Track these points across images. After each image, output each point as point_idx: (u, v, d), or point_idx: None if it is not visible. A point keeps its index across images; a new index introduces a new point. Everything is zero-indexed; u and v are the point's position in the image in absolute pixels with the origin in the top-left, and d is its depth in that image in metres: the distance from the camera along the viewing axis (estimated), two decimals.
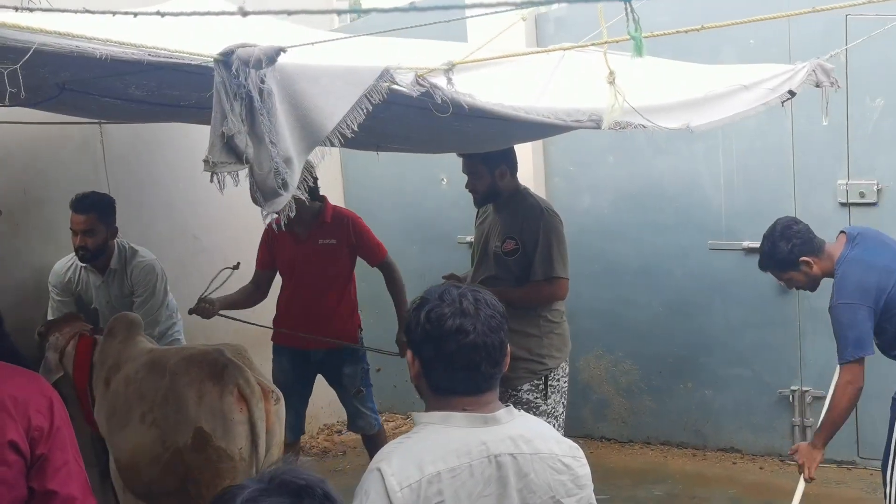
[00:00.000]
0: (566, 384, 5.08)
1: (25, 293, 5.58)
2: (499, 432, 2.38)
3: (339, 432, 7.57)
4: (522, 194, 5.11)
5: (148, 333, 5.31)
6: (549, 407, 4.93)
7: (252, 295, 5.86)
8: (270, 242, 5.78)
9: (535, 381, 4.93)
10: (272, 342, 5.91)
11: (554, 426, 4.81)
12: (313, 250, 5.65)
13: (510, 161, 5.05)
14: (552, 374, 4.97)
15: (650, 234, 6.58)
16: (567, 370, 5.10)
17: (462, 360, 2.33)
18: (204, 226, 6.59)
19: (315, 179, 5.55)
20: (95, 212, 5.29)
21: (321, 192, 5.65)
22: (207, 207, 6.50)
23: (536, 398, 4.91)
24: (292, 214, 2.39)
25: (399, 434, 7.21)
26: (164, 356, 4.53)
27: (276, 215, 2.33)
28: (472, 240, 7.11)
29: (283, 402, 4.47)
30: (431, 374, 2.38)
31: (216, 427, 4.16)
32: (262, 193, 2.27)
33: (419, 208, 7.44)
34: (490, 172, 4.99)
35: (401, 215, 7.36)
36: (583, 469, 2.49)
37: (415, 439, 2.36)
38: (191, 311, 5.49)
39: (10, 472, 2.46)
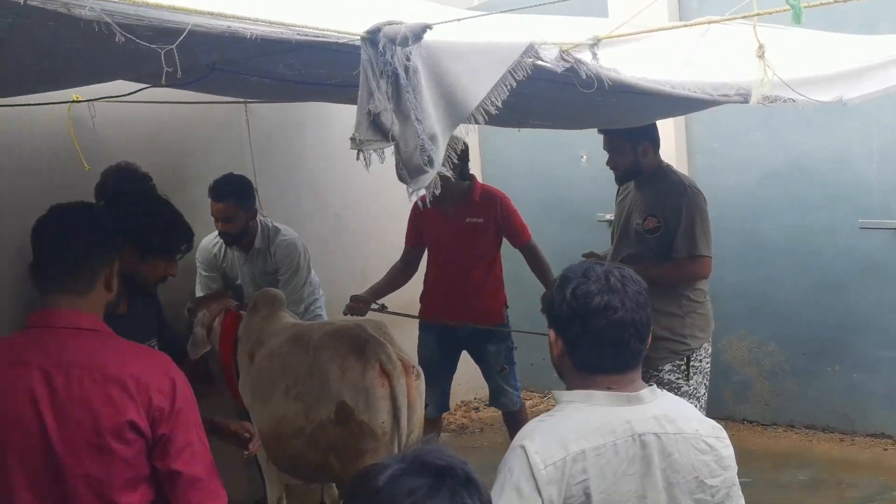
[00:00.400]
0: (709, 365, 4.97)
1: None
2: (642, 411, 2.34)
3: (477, 409, 7.61)
4: (664, 171, 5.02)
5: (292, 310, 5.43)
6: (691, 388, 4.84)
7: (401, 274, 5.94)
8: (418, 220, 5.84)
9: (677, 362, 4.84)
10: (418, 319, 5.96)
11: (696, 407, 4.72)
12: (460, 228, 5.68)
13: (652, 137, 4.97)
14: (694, 355, 4.87)
15: (797, 212, 6.39)
16: (710, 350, 4.99)
17: (610, 336, 2.31)
18: (345, 204, 6.69)
19: (466, 159, 5.60)
20: (233, 198, 5.41)
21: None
22: (349, 186, 6.61)
23: (678, 378, 4.83)
24: (437, 192, 2.39)
25: (537, 412, 7.24)
26: (308, 331, 4.62)
27: (421, 192, 2.34)
28: (612, 217, 7.07)
29: (423, 377, 4.50)
30: (577, 353, 2.36)
31: (359, 401, 4.22)
32: (407, 171, 2.28)
33: (558, 186, 7.39)
34: (633, 149, 4.92)
35: (539, 194, 7.32)
36: (726, 450, 2.44)
37: (558, 417, 2.34)
38: (345, 312, 5.59)
39: (129, 450, 2.50)
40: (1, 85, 3.36)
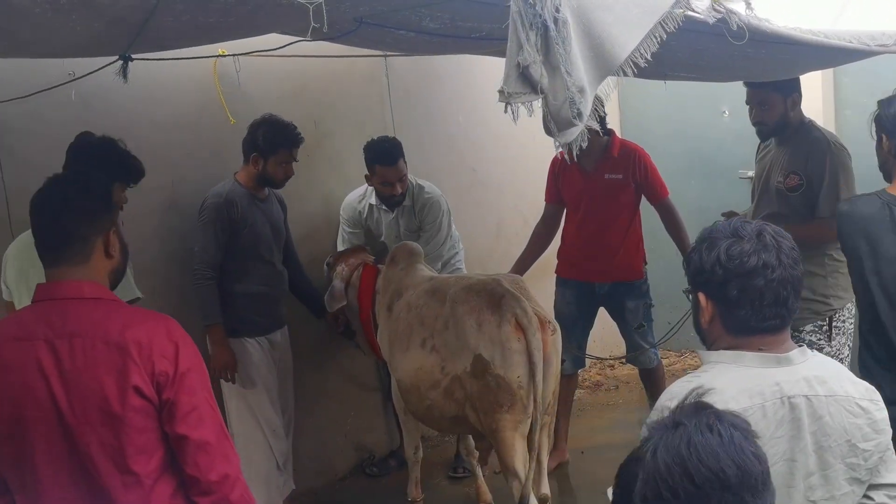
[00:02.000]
0: (852, 326, 4.80)
1: (316, 223, 5.85)
2: (792, 373, 2.28)
3: (612, 366, 7.56)
4: (808, 127, 4.86)
5: (431, 266, 5.49)
6: (834, 349, 4.70)
7: (542, 237, 5.92)
8: (557, 176, 5.81)
9: (819, 322, 4.71)
10: (556, 274, 5.94)
11: None
12: (599, 184, 5.63)
13: (800, 90, 4.82)
14: (837, 315, 4.74)
15: None
16: (853, 311, 4.79)
17: (770, 296, 2.25)
18: (481, 159, 6.69)
19: (604, 112, 5.53)
20: (401, 156, 5.47)
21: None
22: (485, 141, 6.60)
23: (820, 339, 4.70)
24: (584, 145, 2.36)
25: (673, 371, 7.16)
26: (445, 284, 4.66)
27: (567, 146, 2.31)
28: (753, 175, 6.87)
29: (559, 333, 4.50)
30: (732, 315, 2.29)
31: (495, 355, 4.25)
32: (556, 124, 2.25)
33: (699, 141, 7.23)
34: (783, 102, 4.76)
35: (679, 149, 7.18)
36: (880, 413, 2.35)
37: (704, 378, 2.29)
38: None
39: (138, 416, 2.50)
40: (157, 39, 3.44)
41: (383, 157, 5.45)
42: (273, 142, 4.91)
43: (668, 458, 1.70)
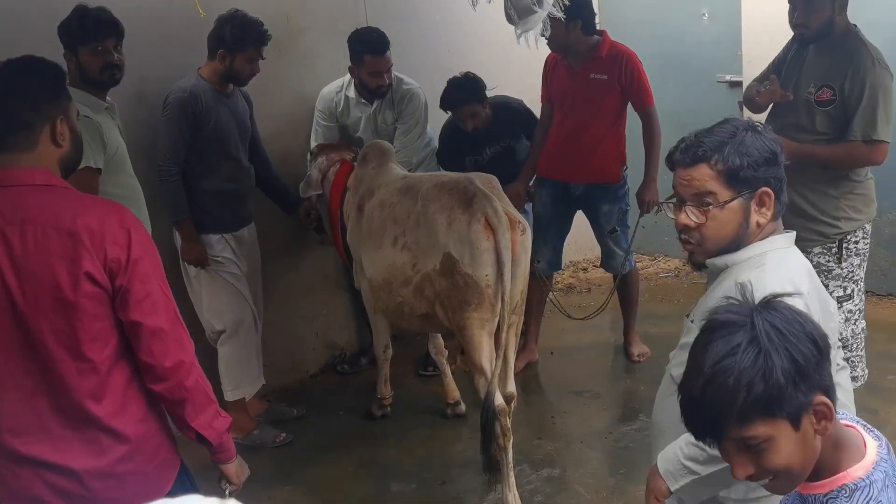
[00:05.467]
0: (867, 246, 4.59)
1: (287, 120, 5.78)
2: None
3: (586, 269, 7.60)
4: (853, 36, 4.41)
5: (406, 161, 5.46)
6: (844, 271, 4.51)
7: (542, 138, 5.80)
8: (549, 74, 5.75)
9: (828, 244, 4.50)
10: (535, 174, 5.88)
11: (852, 291, 4.52)
12: (584, 83, 5.56)
13: None
14: (848, 237, 4.50)
15: None
16: (869, 230, 4.59)
17: None
18: (461, 60, 6.58)
19: (591, 13, 5.46)
20: (389, 47, 5.41)
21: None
22: (462, 42, 6.49)
23: (829, 261, 4.50)
24: (546, 34, 2.32)
25: (646, 275, 7.19)
26: (418, 182, 4.64)
27: (529, 33, 2.27)
28: (733, 78, 6.81)
29: (529, 233, 4.49)
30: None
31: (464, 253, 4.24)
32: (516, 10, 2.21)
33: (677, 44, 7.13)
34: (832, 2, 4.34)
35: (659, 52, 7.08)
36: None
37: (772, 264, 2.37)
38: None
39: (90, 302, 2.50)
40: None
41: (373, 46, 5.39)
42: (241, 38, 4.82)
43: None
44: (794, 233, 2.44)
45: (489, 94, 5.67)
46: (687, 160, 2.38)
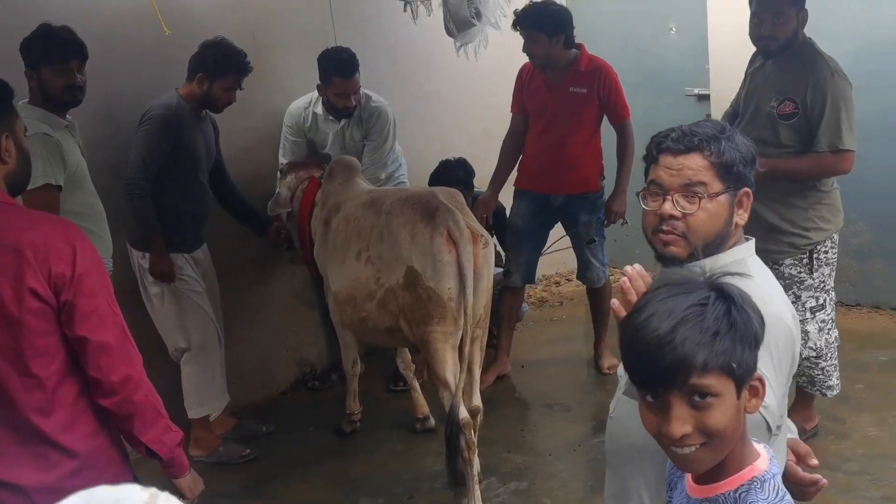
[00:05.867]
0: (835, 256, 4.65)
1: (254, 138, 5.79)
2: None
3: (558, 284, 7.62)
4: (809, 48, 4.50)
5: (374, 177, 5.48)
6: (816, 281, 4.56)
7: (512, 152, 5.88)
8: (524, 86, 5.78)
9: (799, 256, 4.53)
10: (514, 186, 5.93)
11: (824, 301, 4.57)
12: (563, 96, 5.60)
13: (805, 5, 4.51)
14: (818, 248, 4.55)
15: (893, 89, 6.08)
16: (836, 240, 4.64)
17: None
18: (426, 73, 6.62)
19: (570, 27, 5.51)
20: (358, 69, 5.44)
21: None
22: (430, 54, 6.51)
23: (800, 272, 4.55)
24: (485, 48, 2.33)
25: (618, 288, 7.20)
26: (382, 196, 4.65)
27: (468, 46, 2.29)
28: (701, 91, 6.86)
29: (492, 246, 4.51)
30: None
31: (426, 266, 4.25)
32: (454, 23, 2.23)
33: (647, 57, 7.18)
34: (796, 16, 4.45)
35: (628, 66, 7.08)
36: None
37: (759, 280, 2.28)
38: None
39: (35, 318, 2.49)
40: None
41: (342, 68, 5.42)
42: (222, 65, 4.85)
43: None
44: (753, 239, 2.40)
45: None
46: (681, 147, 2.27)
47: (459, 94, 6.55)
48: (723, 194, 2.27)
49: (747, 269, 2.23)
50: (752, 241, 2.38)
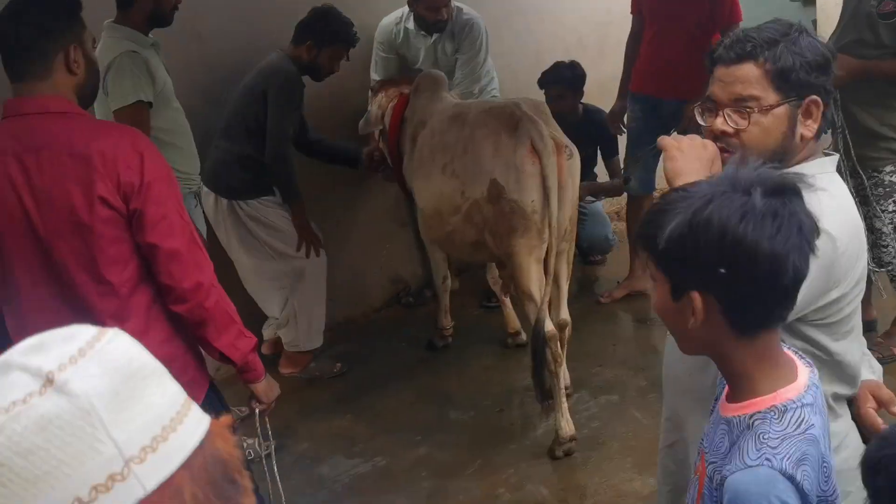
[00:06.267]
0: None
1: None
2: None
3: None
4: None
5: (467, 91, 5.41)
6: None
7: (632, 50, 5.77)
8: None
9: None
10: (629, 90, 5.80)
11: None
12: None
13: None
14: None
15: None
16: None
17: None
18: None
19: None
20: None
21: None
22: None
23: None
24: None
25: None
26: (467, 109, 4.60)
27: None
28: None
29: (577, 157, 4.40)
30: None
31: (509, 179, 4.20)
32: None
33: None
34: None
35: None
36: None
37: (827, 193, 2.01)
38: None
39: (106, 226, 2.53)
40: None
41: None
42: (333, 35, 4.90)
43: None
44: (837, 156, 2.20)
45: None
46: (732, 56, 2.08)
47: (553, 3, 6.36)
48: (780, 106, 2.06)
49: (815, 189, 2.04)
50: (834, 158, 2.16)
